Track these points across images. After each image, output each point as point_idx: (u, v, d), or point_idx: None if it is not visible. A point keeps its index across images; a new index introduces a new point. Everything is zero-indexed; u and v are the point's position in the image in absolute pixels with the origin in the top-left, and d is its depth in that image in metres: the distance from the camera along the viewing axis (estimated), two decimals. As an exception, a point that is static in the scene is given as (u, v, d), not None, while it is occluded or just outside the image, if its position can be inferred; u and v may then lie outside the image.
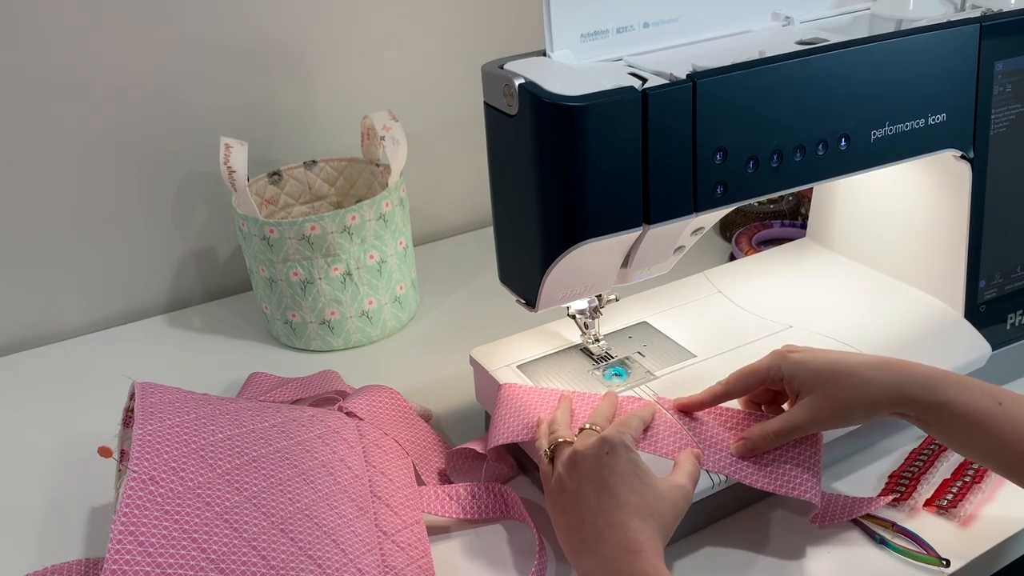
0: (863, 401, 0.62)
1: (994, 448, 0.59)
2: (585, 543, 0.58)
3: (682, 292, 0.86)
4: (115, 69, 0.97)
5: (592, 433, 0.64)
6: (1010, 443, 0.58)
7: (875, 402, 0.62)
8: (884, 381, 0.62)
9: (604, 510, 0.58)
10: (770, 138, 0.63)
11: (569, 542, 0.60)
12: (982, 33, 0.69)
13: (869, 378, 0.62)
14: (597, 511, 0.58)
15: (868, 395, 0.62)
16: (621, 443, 0.61)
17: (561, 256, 0.62)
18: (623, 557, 0.55)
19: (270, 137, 1.07)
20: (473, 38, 1.14)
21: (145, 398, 0.65)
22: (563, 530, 0.61)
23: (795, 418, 0.64)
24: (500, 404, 0.72)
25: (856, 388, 0.62)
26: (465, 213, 1.24)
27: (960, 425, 0.60)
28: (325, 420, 0.70)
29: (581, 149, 0.58)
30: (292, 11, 1.03)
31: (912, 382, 0.61)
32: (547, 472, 0.64)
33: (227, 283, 1.12)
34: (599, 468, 0.60)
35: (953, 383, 0.60)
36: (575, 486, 0.60)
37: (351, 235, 0.91)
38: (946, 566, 0.63)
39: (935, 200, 0.78)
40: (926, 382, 0.61)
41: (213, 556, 0.56)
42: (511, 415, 0.71)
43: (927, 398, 0.60)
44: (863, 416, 0.63)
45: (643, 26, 0.65)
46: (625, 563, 0.55)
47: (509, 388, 0.73)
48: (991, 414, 0.59)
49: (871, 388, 0.62)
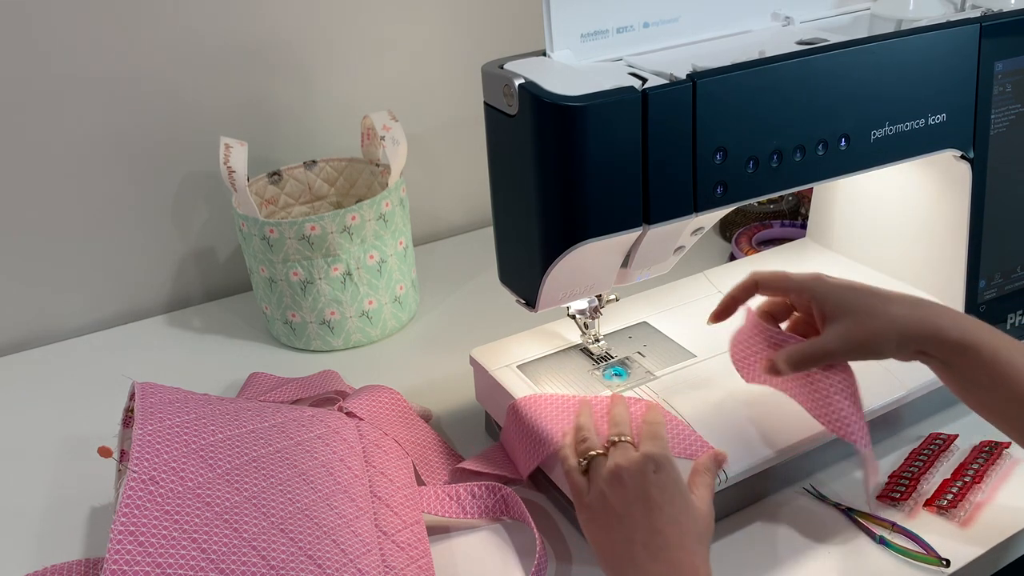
0: (896, 332, 0.61)
1: (1012, 399, 0.58)
2: (636, 563, 0.56)
3: (682, 292, 0.86)
4: (115, 69, 0.97)
5: (628, 447, 0.62)
6: None
7: (907, 335, 0.61)
8: (919, 315, 0.61)
9: (657, 531, 0.57)
10: (770, 138, 0.63)
11: (616, 561, 0.58)
12: (982, 33, 0.69)
13: (904, 311, 0.61)
14: (650, 531, 0.57)
15: (901, 327, 0.61)
16: (667, 460, 0.60)
17: (561, 256, 0.62)
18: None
19: (270, 137, 1.07)
20: (473, 38, 1.14)
21: (145, 398, 0.65)
22: (607, 549, 0.59)
23: (826, 343, 0.62)
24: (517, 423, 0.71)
25: (891, 319, 0.61)
26: (465, 213, 1.24)
27: (986, 370, 0.59)
28: (325, 420, 0.70)
29: (581, 149, 0.58)
30: (292, 11, 1.03)
31: (947, 319, 0.60)
32: (581, 485, 0.62)
33: (227, 283, 1.12)
34: (647, 487, 0.58)
35: (987, 328, 0.60)
36: (622, 504, 0.59)
37: (351, 235, 0.91)
38: (946, 566, 0.63)
39: (935, 200, 0.78)
40: (961, 322, 0.60)
41: (213, 556, 0.56)
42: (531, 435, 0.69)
43: (959, 337, 0.60)
44: (893, 348, 0.61)
45: (643, 26, 0.65)
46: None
47: (523, 403, 0.71)
48: (1018, 365, 0.58)
49: (906, 321, 0.61)
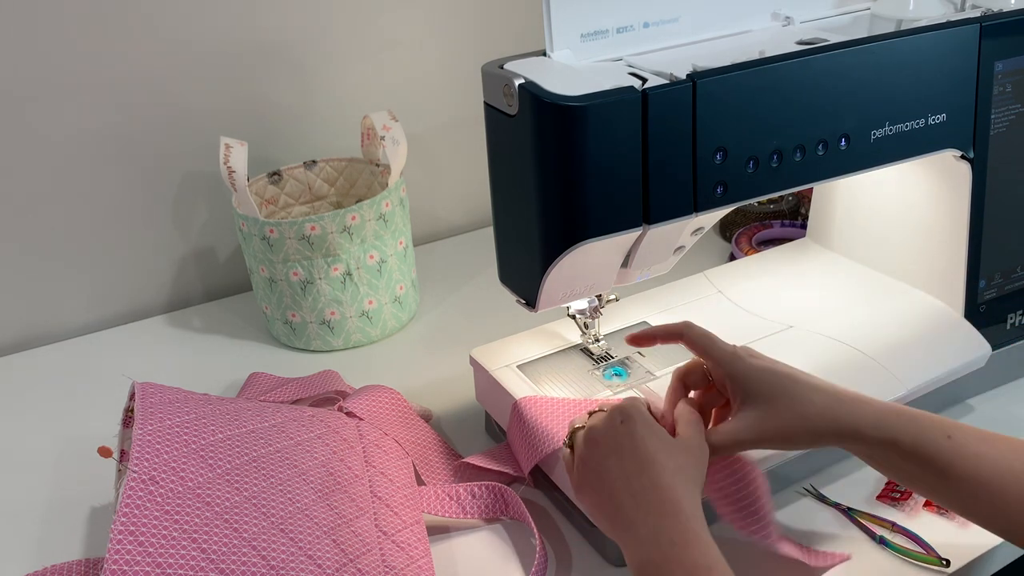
0: (811, 429, 0.59)
1: (945, 486, 0.57)
2: (622, 512, 0.56)
3: (682, 292, 0.86)
4: (115, 69, 0.97)
5: (602, 413, 0.62)
6: (957, 479, 0.56)
7: (823, 432, 0.59)
8: (836, 412, 0.59)
9: (634, 474, 0.57)
10: (770, 138, 0.63)
11: (607, 517, 0.58)
12: (982, 33, 0.69)
13: (822, 406, 0.59)
14: (627, 477, 0.57)
15: (818, 424, 0.59)
16: (634, 408, 0.60)
17: (561, 256, 0.62)
18: (662, 521, 0.54)
19: (270, 137, 1.07)
20: (473, 38, 1.14)
21: (145, 398, 0.65)
22: (596, 508, 0.59)
23: (737, 432, 0.60)
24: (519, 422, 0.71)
25: (807, 415, 0.59)
26: (465, 213, 1.24)
27: (909, 461, 0.58)
28: (325, 420, 0.70)
29: (581, 149, 0.58)
30: (292, 11, 1.03)
31: (867, 416, 0.59)
32: (569, 461, 0.63)
33: (227, 283, 1.12)
34: (617, 438, 0.59)
35: (907, 416, 0.58)
36: (597, 461, 0.59)
37: (351, 235, 0.91)
38: (946, 566, 0.63)
39: (935, 200, 0.78)
40: (878, 419, 0.58)
41: (213, 556, 0.56)
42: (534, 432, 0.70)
43: (877, 435, 0.58)
44: (807, 442, 0.60)
45: (643, 26, 0.65)
46: (665, 528, 0.54)
47: (525, 403, 0.72)
48: (941, 449, 0.57)
49: (823, 418, 0.59)
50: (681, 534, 0.53)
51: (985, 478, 0.56)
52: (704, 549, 0.53)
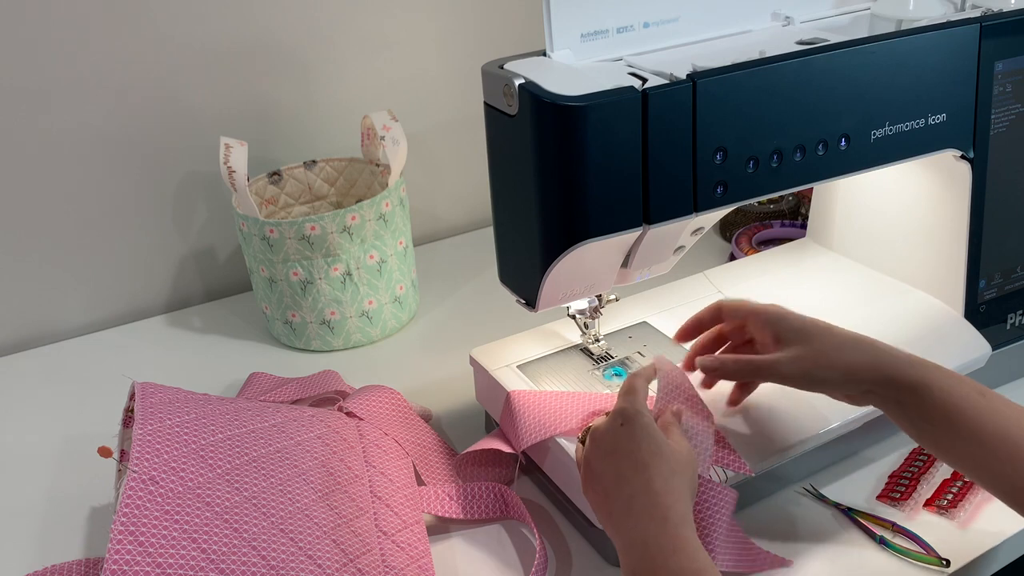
0: (845, 366, 0.61)
1: (968, 440, 0.58)
2: (614, 516, 0.57)
3: (682, 292, 0.86)
4: (115, 69, 0.97)
5: None
6: (990, 436, 0.57)
7: (858, 374, 0.61)
8: (872, 357, 0.61)
9: (626, 479, 0.57)
10: (770, 138, 0.63)
11: (605, 519, 0.59)
12: (982, 33, 0.69)
13: (858, 352, 0.62)
14: (620, 481, 0.58)
15: (853, 366, 0.61)
16: (633, 411, 0.61)
17: (561, 256, 0.62)
18: (651, 526, 0.55)
19: (270, 137, 1.07)
20: (473, 38, 1.14)
21: (145, 398, 0.65)
22: (597, 508, 0.60)
23: (777, 361, 0.63)
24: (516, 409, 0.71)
25: (843, 352, 0.62)
26: (465, 213, 1.24)
27: (938, 409, 0.59)
28: (325, 420, 0.70)
29: (581, 149, 0.58)
30: (292, 11, 1.03)
31: (900, 361, 0.61)
32: (578, 458, 0.64)
33: (227, 283, 1.12)
34: (616, 441, 0.60)
35: (938, 369, 0.60)
36: (598, 462, 0.60)
37: (351, 235, 0.91)
38: (946, 566, 0.63)
39: (935, 200, 0.78)
40: (912, 362, 0.61)
41: (213, 556, 0.56)
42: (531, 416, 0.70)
43: (911, 376, 0.60)
44: (839, 383, 0.62)
45: (643, 26, 0.65)
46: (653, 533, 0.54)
47: (519, 395, 0.72)
48: (974, 403, 0.58)
49: (859, 362, 0.61)
50: (670, 540, 0.54)
51: (1014, 439, 0.57)
52: (692, 555, 0.53)
